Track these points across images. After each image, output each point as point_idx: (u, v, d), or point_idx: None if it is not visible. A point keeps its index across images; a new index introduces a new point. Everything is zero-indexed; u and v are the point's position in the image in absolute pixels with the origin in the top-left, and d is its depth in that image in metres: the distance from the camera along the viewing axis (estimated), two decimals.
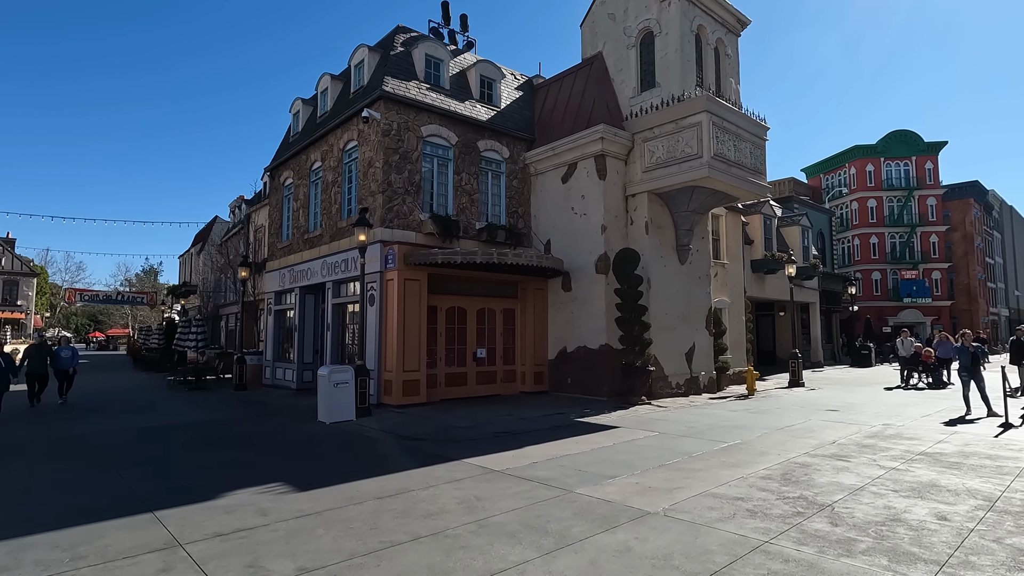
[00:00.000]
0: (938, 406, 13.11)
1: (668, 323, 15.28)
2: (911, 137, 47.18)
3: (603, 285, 14.69)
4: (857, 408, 12.84)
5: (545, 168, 16.47)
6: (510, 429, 10.28)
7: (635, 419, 11.34)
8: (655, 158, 14.82)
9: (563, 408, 12.85)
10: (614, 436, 9.54)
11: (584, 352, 15.00)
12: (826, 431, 9.83)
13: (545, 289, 16.16)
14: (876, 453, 8.03)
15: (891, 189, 47.07)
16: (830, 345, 32.46)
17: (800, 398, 15.05)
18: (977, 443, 8.67)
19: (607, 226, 14.88)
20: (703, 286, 16.56)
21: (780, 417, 11.50)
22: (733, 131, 14.64)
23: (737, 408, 12.98)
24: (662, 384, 14.91)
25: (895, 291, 46.18)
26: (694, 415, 11.87)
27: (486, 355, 15.25)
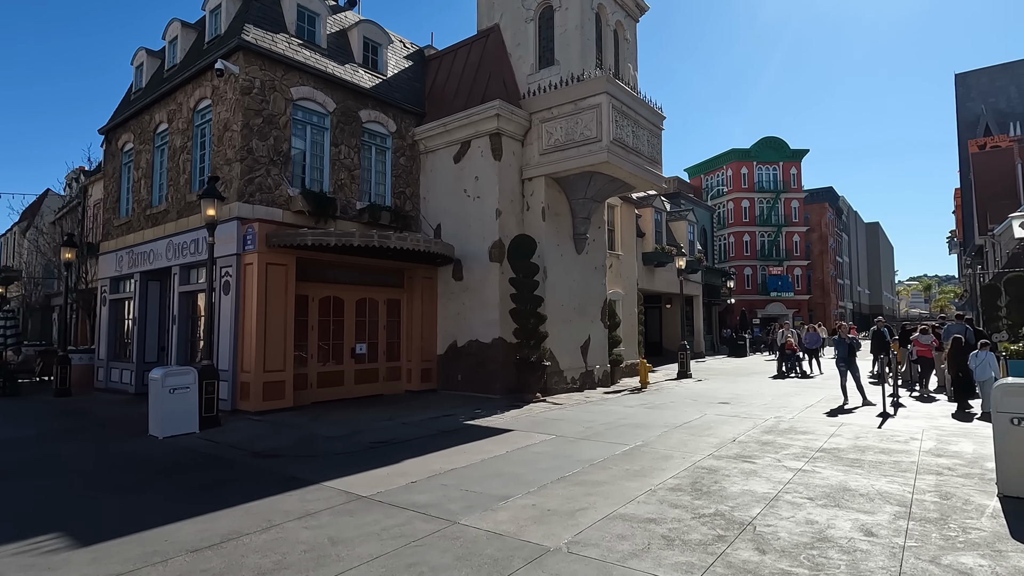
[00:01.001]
0: (816, 395, 13.51)
1: (564, 315, 14.57)
2: (779, 144, 51.20)
3: (497, 274, 13.62)
4: (746, 400, 12.87)
5: (436, 146, 15.07)
6: (389, 437, 8.87)
7: (530, 420, 10.39)
8: (553, 140, 13.97)
9: (452, 409, 11.64)
10: (507, 442, 8.48)
11: (476, 346, 13.87)
12: (724, 427, 9.46)
13: (434, 278, 14.81)
14: (778, 451, 7.64)
15: (762, 191, 50.81)
16: (710, 336, 34.10)
17: (691, 390, 15.01)
18: (866, 436, 8.63)
19: (502, 211, 13.82)
20: (599, 277, 16.07)
21: (676, 412, 11.11)
22: (632, 117, 14.16)
23: (633, 403, 12.51)
24: (557, 379, 14.17)
25: (764, 286, 50.01)
26: (591, 413, 11.17)
27: (367, 351, 13.62)
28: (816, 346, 19.22)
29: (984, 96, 40.31)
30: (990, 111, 39.39)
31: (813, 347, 19.16)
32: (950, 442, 8.10)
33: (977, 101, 40.47)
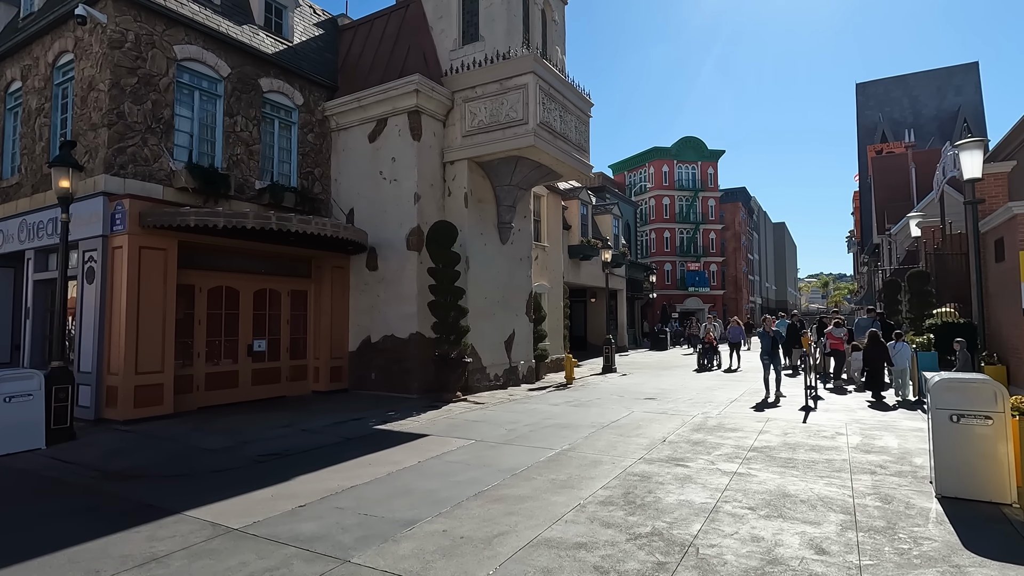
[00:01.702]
0: (739, 389, 13.50)
1: (487, 308, 13.75)
2: (698, 144, 52.91)
3: (415, 264, 12.58)
4: (671, 395, 12.60)
5: (349, 123, 13.75)
6: (283, 448, 7.69)
7: (448, 422, 9.49)
8: (477, 121, 13.06)
9: (363, 411, 10.52)
10: (421, 449, 7.54)
11: (392, 342, 12.77)
12: (653, 426, 8.98)
13: (346, 268, 13.53)
14: (710, 452, 7.19)
15: (682, 189, 52.36)
16: (632, 330, 34.51)
17: (616, 385, 14.65)
18: (794, 431, 8.41)
19: (421, 195, 12.78)
20: (524, 268, 15.37)
21: (603, 410, 10.58)
22: (560, 101, 13.51)
23: (558, 401, 11.90)
24: (480, 376, 13.34)
25: (682, 281, 51.61)
26: (514, 413, 10.42)
27: (267, 348, 12.17)
28: (739, 340, 19.49)
29: (881, 105, 43.43)
30: (886, 119, 42.48)
31: (736, 341, 19.42)
32: (874, 436, 7.99)
33: (875, 110, 43.56)
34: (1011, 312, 10.98)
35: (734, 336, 19.62)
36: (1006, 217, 10.75)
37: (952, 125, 39.26)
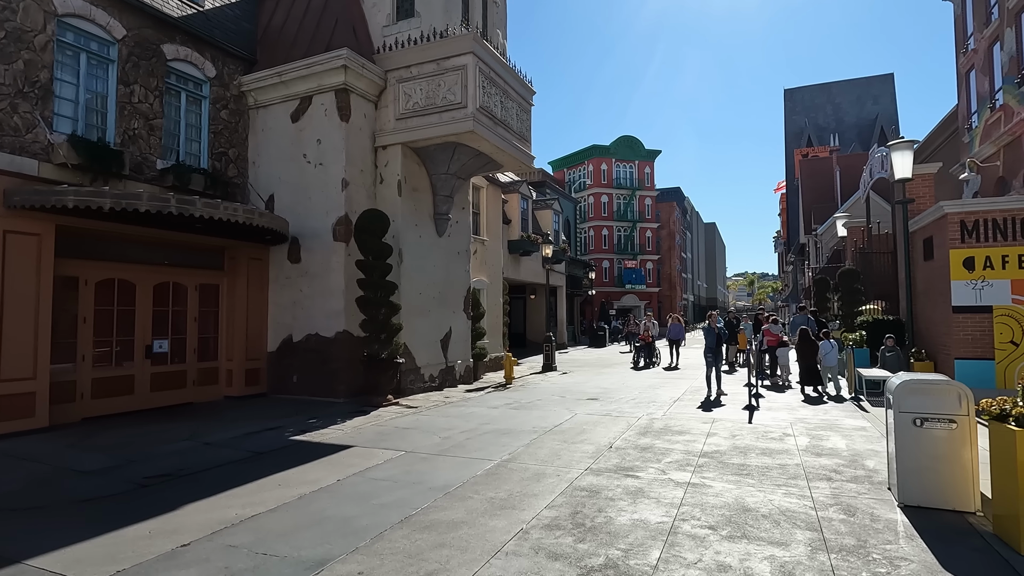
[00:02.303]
0: (680, 387, 13.28)
1: (422, 305, 12.87)
2: (636, 143, 53.69)
3: (343, 256, 11.53)
4: (614, 395, 12.19)
5: (270, 100, 12.48)
6: (176, 468, 6.58)
7: (376, 430, 8.60)
8: (412, 103, 12.14)
9: (280, 419, 9.44)
10: (342, 464, 6.64)
11: (316, 341, 11.67)
12: (598, 430, 8.45)
13: (265, 260, 12.28)
14: (660, 459, 6.70)
15: (620, 188, 52.98)
16: (572, 327, 34.40)
17: (558, 385, 14.13)
18: (742, 433, 8.09)
19: (350, 181, 11.73)
20: (463, 263, 14.58)
21: (545, 412, 9.98)
22: (501, 86, 12.80)
23: (498, 403, 11.21)
24: (413, 378, 12.46)
25: (619, 278, 52.27)
26: (450, 417, 9.64)
27: (170, 349, 10.79)
28: (679, 337, 19.42)
29: (807, 111, 45.51)
30: (811, 125, 44.54)
31: (676, 338, 19.34)
32: (821, 437, 7.78)
33: (802, 115, 45.59)
34: (939, 309, 11.23)
35: (674, 333, 19.56)
36: (936, 216, 10.96)
37: (871, 132, 41.63)
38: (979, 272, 10.30)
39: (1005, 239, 10.17)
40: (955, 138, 19.14)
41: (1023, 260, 10.05)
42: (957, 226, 10.45)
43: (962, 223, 10.43)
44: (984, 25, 16.62)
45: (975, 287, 10.30)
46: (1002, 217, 10.18)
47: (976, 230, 10.34)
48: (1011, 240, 10.14)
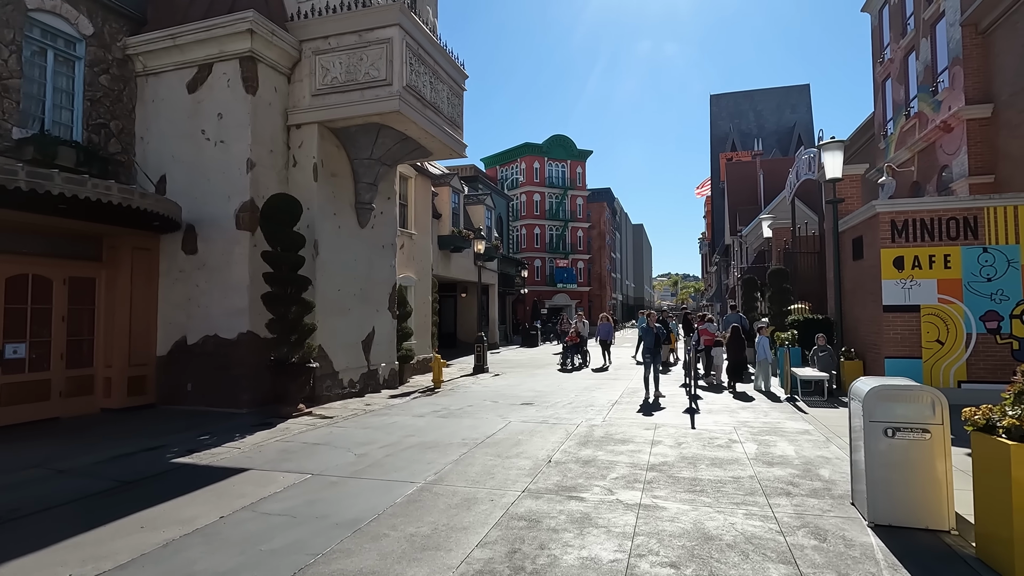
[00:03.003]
0: (617, 389, 12.80)
1: (341, 302, 11.66)
2: (568, 143, 53.85)
3: (247, 246, 10.16)
4: (549, 398, 11.50)
5: (162, 66, 10.86)
6: (7, 507, 5.17)
7: (281, 446, 7.41)
8: (330, 78, 10.92)
9: (166, 436, 8.02)
10: (231, 494, 5.47)
11: (216, 344, 10.21)
12: (535, 440, 7.67)
13: (154, 250, 10.66)
14: (605, 474, 6.00)
15: (552, 187, 52.94)
16: (504, 326, 33.72)
17: (490, 388, 13.30)
18: (687, 440, 7.56)
19: (257, 162, 10.36)
20: (388, 257, 13.45)
21: (476, 421, 9.11)
22: (431, 65, 11.80)
23: (424, 410, 10.22)
24: (331, 383, 11.23)
25: (551, 277, 52.23)
26: (370, 429, 8.56)
27: (28, 354, 9.02)
28: (609, 337, 19.01)
29: (731, 117, 47.22)
30: (736, 130, 46.24)
31: (607, 338, 18.93)
32: (768, 444, 7.36)
33: (726, 120, 47.26)
34: (868, 308, 11.31)
35: (604, 333, 19.15)
36: (868, 215, 11.01)
37: (789, 139, 43.73)
38: (908, 271, 10.39)
39: (932, 239, 10.31)
40: (871, 144, 19.95)
41: (948, 260, 10.21)
42: (888, 226, 10.50)
43: (892, 223, 10.49)
44: (900, 36, 17.30)
45: (904, 286, 10.38)
46: (929, 217, 10.31)
47: (906, 230, 10.42)
48: (937, 240, 10.29)
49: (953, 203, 10.32)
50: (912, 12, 16.42)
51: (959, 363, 10.01)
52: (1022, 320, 9.86)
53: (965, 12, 13.39)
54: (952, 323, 10.11)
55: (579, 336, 18.66)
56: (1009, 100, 12.41)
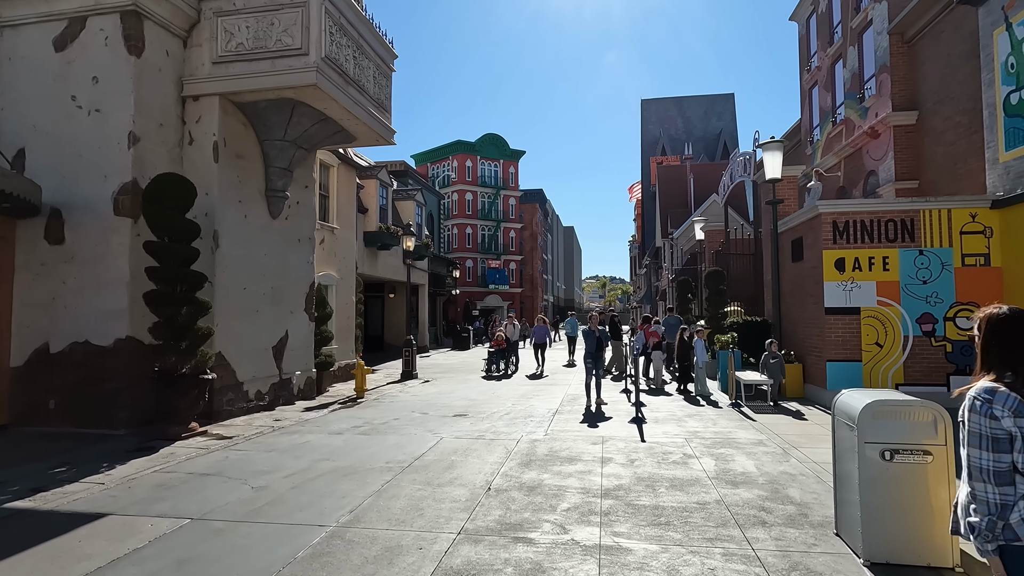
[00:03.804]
0: (556, 396, 12.05)
1: (248, 303, 10.20)
2: (501, 142, 53.19)
3: (128, 236, 8.55)
4: (484, 408, 10.56)
5: (21, 17, 9.02)
6: None
7: (159, 479, 6.03)
8: (235, 44, 9.47)
9: (10, 468, 6.41)
10: (71, 555, 4.14)
11: (86, 352, 8.52)
12: (470, 461, 6.70)
13: (8, 238, 8.80)
14: (554, 505, 5.12)
15: (484, 186, 52.09)
16: (434, 328, 32.47)
17: (419, 397, 12.19)
18: (639, 456, 6.84)
19: (142, 136, 8.78)
20: (305, 253, 12.05)
21: (403, 438, 8.02)
22: (355, 38, 10.57)
23: (343, 426, 9.00)
24: (233, 396, 9.75)
25: (483, 278, 51.35)
26: (276, 452, 7.28)
27: None
28: (544, 340, 18.06)
29: (661, 122, 48.24)
30: (665, 135, 47.25)
31: (542, 342, 17.96)
32: (725, 458, 6.76)
33: (656, 125, 48.22)
34: (808, 310, 11.15)
35: (539, 336, 18.17)
36: (810, 216, 10.83)
37: (715, 146, 45.16)
38: (849, 273, 10.26)
39: (872, 241, 10.23)
40: (798, 150, 20.42)
41: (887, 262, 10.16)
42: (830, 226, 10.34)
43: (834, 223, 10.34)
44: (828, 44, 17.70)
45: (845, 288, 10.24)
46: (870, 219, 10.23)
47: (847, 231, 10.29)
48: (876, 242, 10.22)
49: (892, 205, 10.30)
50: (840, 21, 16.80)
51: (896, 366, 9.96)
52: (955, 323, 9.94)
53: (893, 21, 13.68)
54: (890, 325, 10.06)
55: (506, 340, 17.52)
56: (934, 108, 12.72)
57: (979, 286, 9.87)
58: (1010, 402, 1.90)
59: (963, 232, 9.99)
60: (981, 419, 1.93)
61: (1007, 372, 1.98)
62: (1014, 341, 2.00)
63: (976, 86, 11.17)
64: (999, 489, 1.88)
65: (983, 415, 1.93)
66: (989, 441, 1.90)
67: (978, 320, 2.15)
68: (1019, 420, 1.88)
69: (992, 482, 1.89)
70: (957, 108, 11.87)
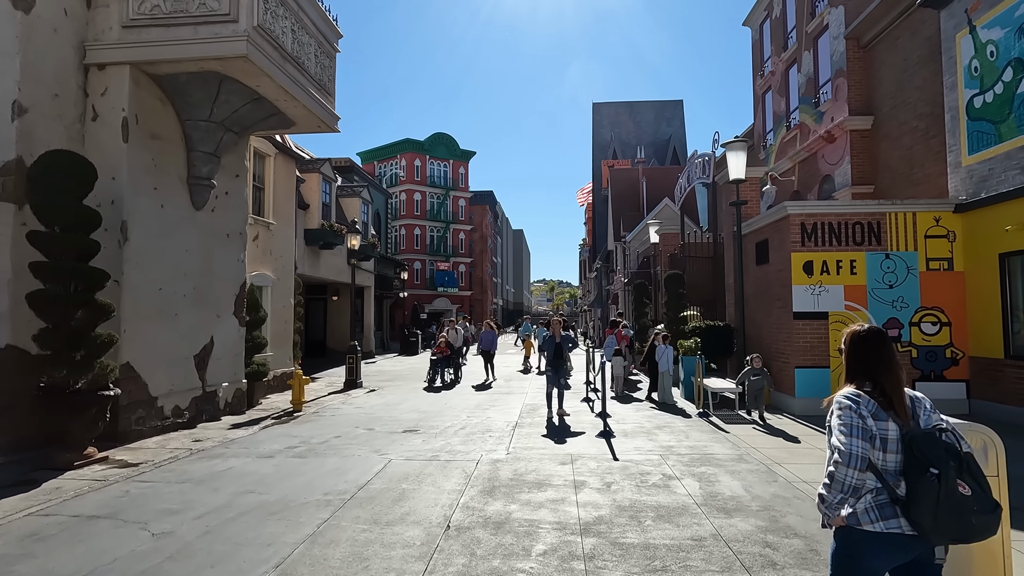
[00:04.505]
0: (513, 407, 11.24)
1: (164, 305, 8.89)
2: (451, 142, 52.14)
3: (10, 225, 7.14)
4: (436, 422, 9.63)
5: None
6: None
7: (31, 526, 4.82)
8: (149, 5, 8.19)
9: None
10: None
11: None
12: (424, 489, 5.79)
13: None
14: (528, 548, 4.30)
15: (434, 186, 50.88)
16: (380, 332, 31.07)
17: (363, 410, 11.11)
18: (616, 479, 6.11)
19: (30, 107, 7.39)
20: (234, 250, 10.77)
21: (345, 461, 6.99)
22: (294, 10, 9.45)
23: (275, 446, 7.86)
24: (144, 413, 8.42)
25: (432, 280, 50.10)
26: (189, 484, 6.12)
27: None
28: (491, 348, 16.29)
29: (613, 125, 48.43)
30: (616, 139, 47.46)
31: (488, 348, 16.19)
32: (709, 478, 6.13)
33: (608, 129, 48.37)
34: (774, 315, 10.81)
35: (487, 343, 16.36)
36: (777, 217, 10.49)
37: (665, 151, 45.71)
38: (817, 277, 9.96)
39: (839, 244, 9.98)
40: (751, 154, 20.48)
41: (854, 266, 9.92)
42: (798, 228, 10.02)
43: (803, 225, 10.02)
44: (782, 49, 17.75)
45: (813, 292, 9.94)
46: (837, 221, 9.97)
47: (815, 233, 10.00)
48: (844, 245, 9.97)
49: (859, 207, 10.08)
50: (794, 26, 16.86)
51: None
52: (920, 328, 9.79)
53: (849, 25, 13.68)
54: None
55: (450, 347, 15.80)
56: (890, 112, 12.75)
57: (943, 291, 9.77)
58: (870, 406, 2.16)
59: (927, 236, 9.88)
60: (852, 415, 2.14)
61: (867, 382, 2.23)
62: (871, 355, 2.26)
63: (934, 91, 11.18)
64: (859, 475, 2.08)
65: (854, 412, 2.15)
66: (860, 431, 2.10)
67: (844, 337, 2.39)
68: (877, 423, 2.14)
69: (856, 467, 2.06)
70: (914, 113, 11.88)
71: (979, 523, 2.02)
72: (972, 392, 9.55)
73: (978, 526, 2.02)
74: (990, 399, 9.16)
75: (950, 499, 1.99)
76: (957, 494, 1.99)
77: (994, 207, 9.00)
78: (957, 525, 2.01)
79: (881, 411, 2.15)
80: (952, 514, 1.99)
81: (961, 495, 2.00)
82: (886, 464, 2.12)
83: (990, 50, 9.11)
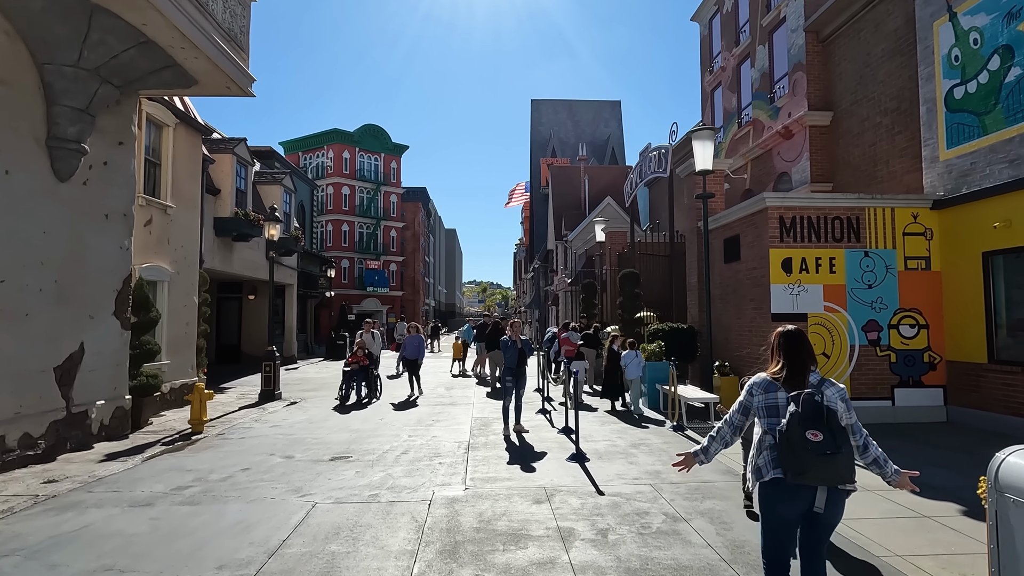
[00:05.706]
0: (461, 422, 9.78)
1: (7, 303, 6.78)
2: (382, 134, 49.68)
3: None
4: (372, 447, 8.01)
5: None
6: None
7: None
8: None
9: None
10: None
11: None
12: (361, 556, 4.25)
13: None
14: None
15: (363, 180, 48.27)
16: (304, 335, 28.55)
17: (281, 429, 9.28)
18: (608, 522, 4.82)
19: None
20: (115, 234, 8.66)
21: (251, 511, 5.29)
22: None
23: (158, 488, 6.01)
24: None
25: (360, 280, 47.46)
26: (13, 560, 4.26)
27: None
28: (417, 356, 13.48)
29: (551, 124, 47.75)
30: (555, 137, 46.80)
31: (414, 357, 13.36)
32: (721, 519, 4.97)
33: (547, 127, 47.63)
34: (747, 316, 9.98)
35: (412, 351, 13.39)
36: (753, 210, 9.65)
37: (604, 151, 45.51)
38: (796, 275, 9.19)
39: (818, 240, 9.25)
40: None
41: (833, 264, 9.22)
42: (777, 222, 9.22)
43: (781, 219, 9.23)
44: (733, 44, 17.30)
45: (792, 292, 9.15)
46: (816, 215, 9.24)
47: (794, 228, 9.22)
48: (823, 241, 9.26)
49: (839, 201, 9.39)
50: (747, 20, 16.43)
51: (843, 378, 9.02)
52: (899, 331, 9.22)
53: (809, 18, 13.25)
54: (837, 334, 9.11)
55: (367, 355, 12.96)
56: (850, 108, 12.35)
57: (920, 291, 9.25)
58: (763, 384, 2.77)
59: (906, 233, 9.34)
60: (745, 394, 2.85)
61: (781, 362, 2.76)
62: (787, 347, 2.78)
63: (900, 85, 10.76)
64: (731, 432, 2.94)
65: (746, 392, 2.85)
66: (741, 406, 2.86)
67: (775, 333, 2.90)
68: (767, 395, 2.72)
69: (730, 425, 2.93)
70: (878, 108, 11.48)
71: (830, 463, 2.42)
72: (949, 398, 9.07)
73: (830, 466, 2.43)
74: (970, 405, 8.69)
75: (800, 442, 2.45)
76: (806, 439, 2.44)
77: (977, 203, 8.52)
78: (812, 464, 2.43)
79: (773, 384, 2.72)
80: (808, 456, 2.42)
81: (811, 440, 2.44)
82: (781, 426, 2.55)
83: (973, 37, 8.64)
